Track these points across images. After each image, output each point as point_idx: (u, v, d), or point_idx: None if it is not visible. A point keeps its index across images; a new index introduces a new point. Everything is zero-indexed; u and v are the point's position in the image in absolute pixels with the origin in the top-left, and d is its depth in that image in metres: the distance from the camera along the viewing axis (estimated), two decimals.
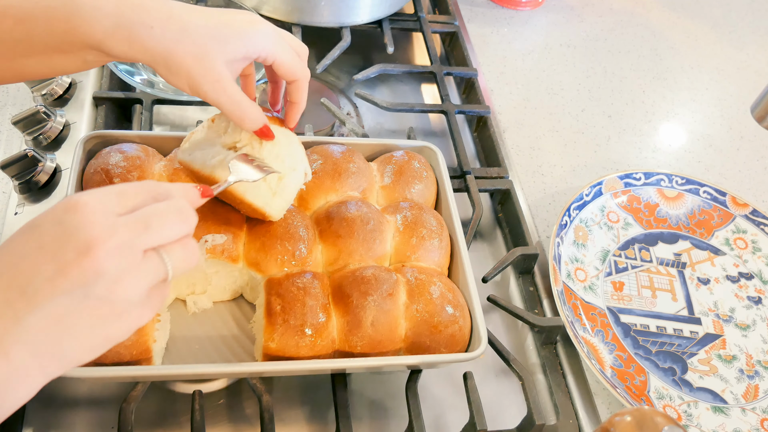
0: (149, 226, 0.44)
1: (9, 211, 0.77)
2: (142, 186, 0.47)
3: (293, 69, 0.63)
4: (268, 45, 0.60)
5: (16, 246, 0.42)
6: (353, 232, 0.71)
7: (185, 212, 0.47)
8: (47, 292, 0.41)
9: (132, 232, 0.43)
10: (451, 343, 0.67)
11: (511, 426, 0.71)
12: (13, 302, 0.40)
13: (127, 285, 0.43)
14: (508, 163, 0.97)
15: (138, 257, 0.43)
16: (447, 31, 1.14)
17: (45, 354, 0.42)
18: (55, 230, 0.42)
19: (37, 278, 0.41)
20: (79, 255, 0.41)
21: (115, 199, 0.44)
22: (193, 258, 0.48)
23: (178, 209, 0.46)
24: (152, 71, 0.95)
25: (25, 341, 0.41)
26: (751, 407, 0.78)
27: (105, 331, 0.43)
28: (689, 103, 1.16)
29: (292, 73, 0.64)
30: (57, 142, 0.84)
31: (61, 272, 0.41)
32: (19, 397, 0.42)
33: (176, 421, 0.68)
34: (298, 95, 0.66)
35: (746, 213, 0.94)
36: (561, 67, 1.17)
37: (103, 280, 0.41)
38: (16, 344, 0.41)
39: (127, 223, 0.43)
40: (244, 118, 0.60)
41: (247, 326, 0.72)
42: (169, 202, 0.46)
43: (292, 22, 1.03)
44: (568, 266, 0.85)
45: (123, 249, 0.42)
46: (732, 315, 0.86)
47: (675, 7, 1.35)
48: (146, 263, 0.44)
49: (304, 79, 0.65)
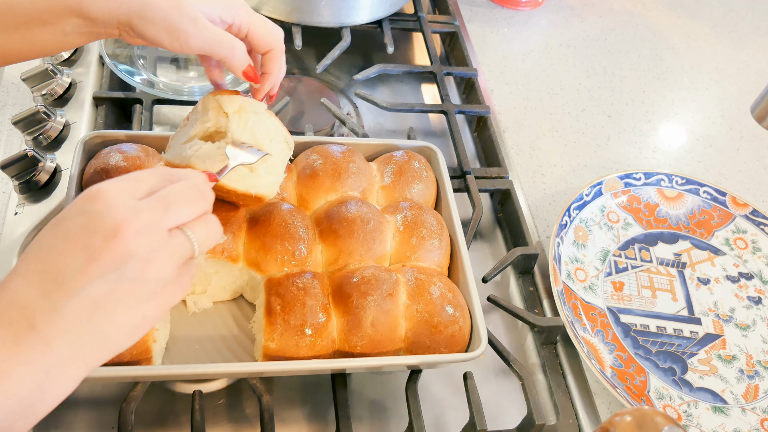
0: (170, 205, 0.45)
1: (9, 211, 0.77)
2: (155, 171, 0.48)
3: (267, 38, 0.64)
4: (243, 12, 0.62)
5: (45, 241, 0.43)
6: (353, 232, 0.71)
7: (202, 189, 0.48)
8: (81, 279, 0.41)
9: (155, 213, 0.44)
10: (451, 343, 0.67)
11: (511, 426, 0.71)
12: (49, 294, 0.41)
13: (158, 263, 0.44)
14: (508, 163, 0.97)
15: (164, 236, 0.44)
16: (447, 31, 1.14)
17: (86, 341, 0.42)
18: (80, 220, 0.43)
19: (70, 267, 0.42)
20: (107, 239, 0.42)
21: (133, 185, 0.45)
22: (216, 233, 0.49)
23: (194, 187, 0.48)
24: (152, 71, 0.95)
25: (65, 330, 0.41)
26: (751, 407, 0.78)
27: (141, 311, 0.44)
28: (689, 103, 1.16)
29: (267, 42, 0.64)
30: (57, 142, 0.84)
31: (92, 258, 0.42)
32: (62, 389, 0.43)
33: (176, 421, 0.68)
34: (271, 65, 0.66)
35: (746, 213, 0.94)
36: (561, 67, 1.17)
37: (134, 260, 0.42)
38: (57, 334, 0.41)
39: (149, 204, 0.44)
40: (232, 52, 0.61)
41: (247, 326, 0.72)
42: (185, 182, 0.48)
43: (292, 22, 1.03)
44: (568, 266, 0.85)
45: (149, 229, 0.43)
46: (732, 315, 0.86)
47: (675, 7, 1.35)
48: (173, 241, 0.45)
49: (279, 49, 0.66)
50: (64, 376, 0.42)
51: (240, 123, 0.64)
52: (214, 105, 0.65)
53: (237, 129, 0.64)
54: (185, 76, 0.97)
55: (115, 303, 0.43)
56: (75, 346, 0.42)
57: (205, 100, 0.66)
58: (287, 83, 1.03)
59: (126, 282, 0.43)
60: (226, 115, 0.64)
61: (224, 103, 0.64)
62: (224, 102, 0.64)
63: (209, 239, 0.48)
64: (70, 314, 0.41)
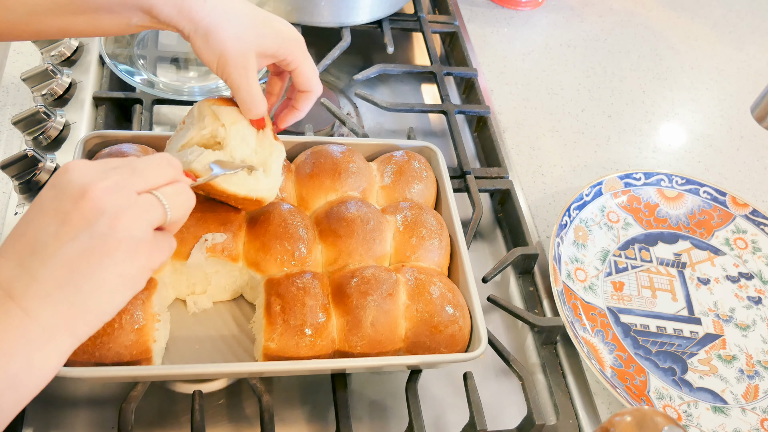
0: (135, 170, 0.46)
1: (9, 211, 0.77)
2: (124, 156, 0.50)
3: (311, 81, 0.68)
4: (297, 53, 0.65)
5: (22, 220, 0.44)
6: (353, 232, 0.71)
7: (167, 159, 0.49)
8: (54, 244, 0.42)
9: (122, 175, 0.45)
10: (451, 343, 0.67)
11: (511, 426, 0.71)
12: (25, 263, 0.42)
13: (128, 220, 0.44)
14: (508, 163, 0.97)
15: (133, 196, 0.45)
16: (447, 31, 1.14)
17: (66, 305, 0.42)
18: (51, 192, 0.44)
19: (43, 235, 0.42)
20: (76, 201, 0.43)
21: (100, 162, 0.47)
22: (187, 199, 0.50)
23: (159, 157, 0.49)
24: (152, 71, 0.95)
25: (43, 295, 0.41)
26: (751, 407, 0.78)
27: (118, 269, 0.44)
28: (689, 103, 1.16)
29: (309, 84, 0.68)
30: (57, 142, 0.84)
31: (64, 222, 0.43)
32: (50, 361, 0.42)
33: (176, 421, 0.68)
34: (304, 104, 0.69)
35: (746, 213, 0.94)
36: (561, 67, 1.17)
37: (103, 217, 0.43)
38: (36, 299, 0.41)
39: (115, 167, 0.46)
40: (252, 106, 0.64)
41: (247, 326, 0.72)
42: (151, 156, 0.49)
43: (292, 22, 1.03)
44: (568, 266, 0.85)
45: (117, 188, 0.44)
46: (732, 315, 0.86)
47: (675, 7, 1.35)
48: (142, 200, 0.46)
49: (316, 93, 0.69)
50: (49, 346, 0.42)
51: (237, 137, 0.65)
52: (209, 113, 0.66)
53: (234, 142, 0.64)
54: (185, 76, 0.97)
55: (88, 262, 0.43)
56: (56, 312, 0.42)
57: (201, 105, 0.67)
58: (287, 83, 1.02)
59: (98, 239, 0.43)
60: (223, 125, 0.65)
61: (221, 114, 0.65)
62: (221, 113, 0.65)
63: (181, 202, 0.49)
64: (47, 278, 0.42)
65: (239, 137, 0.65)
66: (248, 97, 0.63)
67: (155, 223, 0.47)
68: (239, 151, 0.65)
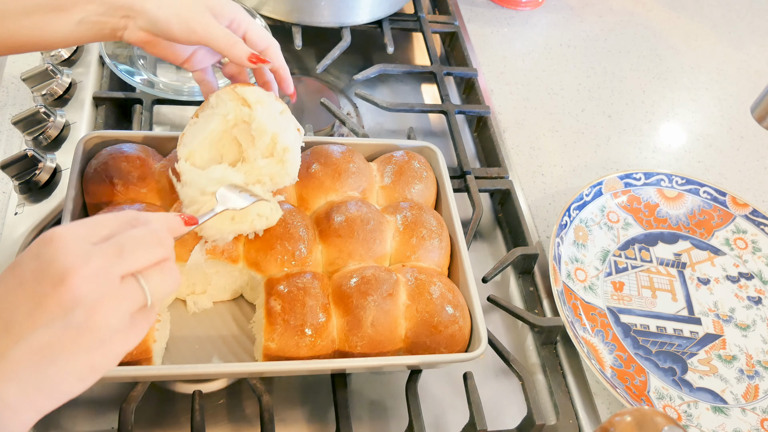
0: (122, 251, 0.44)
1: (9, 211, 0.77)
2: (119, 215, 0.47)
3: (265, 36, 0.68)
4: (241, 13, 0.66)
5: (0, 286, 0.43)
6: (353, 232, 0.71)
7: (159, 236, 0.47)
8: (28, 325, 0.41)
9: (106, 259, 0.43)
10: (451, 343, 0.67)
11: (511, 426, 0.71)
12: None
13: (106, 311, 0.43)
14: (508, 163, 0.97)
15: (114, 283, 0.43)
16: (447, 31, 1.14)
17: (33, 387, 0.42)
18: (33, 265, 0.42)
19: (18, 314, 0.41)
20: (55, 286, 0.41)
21: (89, 229, 0.45)
22: (172, 281, 0.47)
23: (152, 233, 0.46)
24: (152, 71, 0.95)
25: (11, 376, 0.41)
26: (751, 407, 0.78)
27: (89, 359, 0.43)
28: (689, 103, 1.16)
29: (265, 39, 0.68)
30: (57, 142, 0.84)
31: (39, 305, 0.41)
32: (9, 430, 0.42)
33: (176, 421, 0.68)
34: (277, 59, 0.69)
35: (746, 213, 0.94)
36: (561, 67, 1.17)
37: (80, 308, 0.42)
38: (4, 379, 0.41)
39: (101, 249, 0.43)
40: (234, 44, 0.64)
41: (247, 326, 0.72)
42: (144, 227, 0.46)
43: (292, 22, 1.03)
44: (568, 266, 0.85)
45: (98, 276, 0.42)
46: (732, 315, 0.86)
47: (675, 7, 1.35)
48: (123, 288, 0.44)
49: (276, 45, 0.69)
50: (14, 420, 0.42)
51: (264, 111, 0.66)
52: (232, 96, 0.66)
53: (262, 116, 0.65)
54: (185, 76, 0.97)
55: (60, 350, 0.42)
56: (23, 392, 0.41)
57: (219, 93, 0.67)
58: None
59: (72, 329, 0.42)
60: (249, 105, 0.65)
61: (246, 93, 0.66)
62: (246, 92, 0.66)
63: (163, 287, 0.47)
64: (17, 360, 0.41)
65: (266, 113, 0.66)
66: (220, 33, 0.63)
67: (133, 309, 0.45)
68: (270, 127, 0.65)
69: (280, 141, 0.66)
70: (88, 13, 0.59)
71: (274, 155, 0.67)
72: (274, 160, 0.67)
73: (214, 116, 0.67)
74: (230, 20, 0.65)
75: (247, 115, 0.66)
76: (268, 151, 0.67)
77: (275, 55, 0.69)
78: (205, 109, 0.68)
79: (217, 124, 0.67)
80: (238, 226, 0.66)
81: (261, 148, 0.66)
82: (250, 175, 0.67)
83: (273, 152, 0.67)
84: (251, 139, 0.67)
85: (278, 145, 0.66)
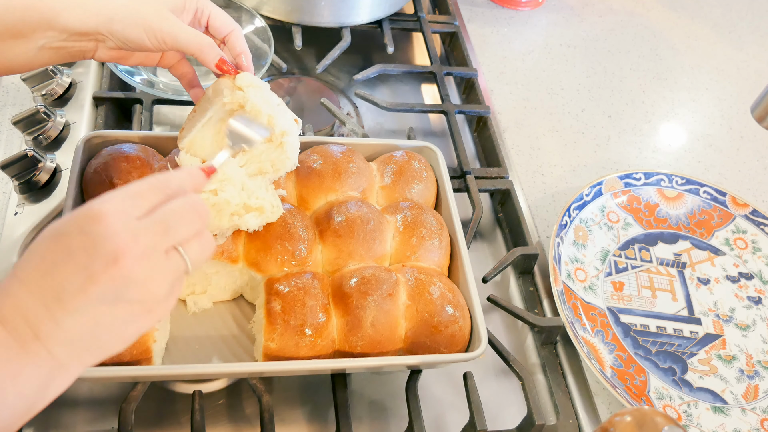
0: (168, 227, 0.46)
1: (9, 211, 0.77)
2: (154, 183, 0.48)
3: (227, 20, 0.69)
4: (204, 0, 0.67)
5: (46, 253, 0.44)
6: (353, 232, 0.71)
7: (198, 208, 0.49)
8: (82, 298, 0.43)
9: (154, 236, 0.46)
10: (451, 343, 0.67)
11: (511, 426, 0.71)
12: (51, 308, 0.43)
13: (155, 285, 0.46)
14: (508, 163, 0.97)
15: (162, 259, 0.46)
16: (447, 31, 1.14)
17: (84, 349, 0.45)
18: (82, 240, 0.44)
19: (71, 286, 0.43)
20: (107, 265, 0.43)
21: (132, 203, 0.46)
22: (209, 249, 0.50)
23: (192, 206, 0.48)
24: (152, 71, 0.95)
25: (66, 342, 0.44)
26: (751, 407, 0.78)
27: (136, 325, 0.46)
28: (689, 103, 1.16)
29: (227, 24, 0.69)
30: (57, 142, 0.84)
31: (92, 280, 0.43)
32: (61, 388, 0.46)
33: (176, 421, 0.68)
34: (240, 44, 0.70)
35: (746, 213, 0.94)
36: (561, 67, 1.17)
37: (133, 284, 0.44)
38: (59, 344, 0.44)
39: (147, 227, 0.45)
40: (203, 48, 0.64)
41: (247, 326, 0.72)
42: (183, 200, 0.48)
43: (292, 22, 1.03)
44: (568, 266, 0.85)
45: (148, 254, 0.45)
46: (732, 315, 0.86)
47: (675, 7, 1.35)
48: (169, 262, 0.47)
49: (238, 29, 0.70)
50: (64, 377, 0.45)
51: (257, 93, 0.66)
52: (227, 84, 0.67)
53: (255, 97, 0.66)
54: None
55: (112, 321, 0.45)
56: (75, 355, 0.45)
57: (215, 84, 0.68)
58: (287, 83, 1.03)
59: (124, 303, 0.45)
60: (242, 89, 0.66)
61: (238, 79, 0.67)
62: (238, 78, 0.67)
63: (202, 257, 0.50)
64: (71, 328, 0.44)
65: (259, 95, 0.66)
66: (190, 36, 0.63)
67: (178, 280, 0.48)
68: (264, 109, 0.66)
69: (277, 124, 0.66)
70: (48, 39, 0.59)
71: (272, 140, 0.67)
72: (273, 145, 0.67)
73: (212, 105, 0.67)
74: (194, 11, 0.66)
75: (241, 97, 0.66)
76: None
77: (238, 41, 0.69)
78: (203, 101, 0.69)
79: (215, 112, 0.67)
80: (236, 220, 0.66)
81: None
82: (252, 164, 0.67)
83: (272, 138, 0.67)
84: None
85: (276, 128, 0.66)
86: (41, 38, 0.58)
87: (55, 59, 0.61)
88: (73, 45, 0.61)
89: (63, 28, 0.58)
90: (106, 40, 0.61)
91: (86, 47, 0.62)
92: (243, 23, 1.02)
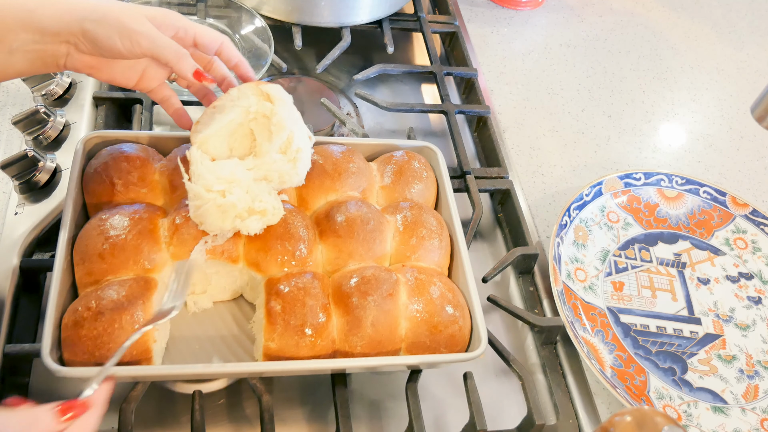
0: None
1: (9, 211, 0.77)
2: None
3: (214, 35, 0.67)
4: (184, 20, 0.65)
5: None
6: (353, 232, 0.71)
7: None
8: None
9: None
10: (451, 343, 0.67)
11: (511, 426, 0.71)
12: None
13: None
14: (508, 163, 0.97)
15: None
16: (447, 31, 1.14)
17: None
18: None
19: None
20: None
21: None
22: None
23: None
24: None
25: None
26: (751, 407, 0.78)
27: None
28: (689, 103, 1.16)
29: (215, 39, 0.67)
30: (57, 142, 0.84)
31: None
32: None
33: (176, 421, 0.68)
34: (233, 54, 0.69)
35: (746, 213, 0.94)
36: (561, 67, 1.17)
37: None
38: None
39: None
40: (179, 56, 0.62)
41: (247, 326, 0.72)
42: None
43: (292, 22, 1.03)
44: (568, 266, 0.85)
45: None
46: (732, 315, 0.86)
47: (675, 7, 1.35)
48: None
49: (227, 41, 0.69)
50: None
51: (285, 109, 0.67)
52: (255, 91, 0.68)
53: (283, 111, 0.67)
54: None
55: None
56: None
57: (243, 87, 0.69)
58: (287, 83, 1.02)
59: None
60: (271, 101, 0.67)
61: (270, 90, 0.68)
62: (270, 89, 0.68)
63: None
64: None
65: (287, 111, 0.67)
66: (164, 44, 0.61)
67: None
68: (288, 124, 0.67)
69: (295, 140, 0.68)
70: (21, 42, 0.57)
71: (287, 153, 0.68)
72: (286, 158, 0.68)
73: (235, 108, 0.68)
74: (175, 30, 0.64)
75: (268, 109, 0.67)
76: (281, 149, 0.68)
77: (231, 52, 0.69)
78: (225, 101, 0.69)
79: (237, 115, 0.68)
80: (238, 224, 0.67)
81: (277, 144, 0.67)
82: (260, 170, 0.68)
83: (286, 151, 0.68)
84: (268, 134, 0.68)
85: (293, 144, 0.68)
86: (13, 41, 0.57)
87: (29, 67, 0.60)
88: (44, 48, 0.59)
89: (37, 28, 0.57)
90: (78, 43, 0.59)
91: (58, 51, 0.60)
92: (243, 23, 1.02)
